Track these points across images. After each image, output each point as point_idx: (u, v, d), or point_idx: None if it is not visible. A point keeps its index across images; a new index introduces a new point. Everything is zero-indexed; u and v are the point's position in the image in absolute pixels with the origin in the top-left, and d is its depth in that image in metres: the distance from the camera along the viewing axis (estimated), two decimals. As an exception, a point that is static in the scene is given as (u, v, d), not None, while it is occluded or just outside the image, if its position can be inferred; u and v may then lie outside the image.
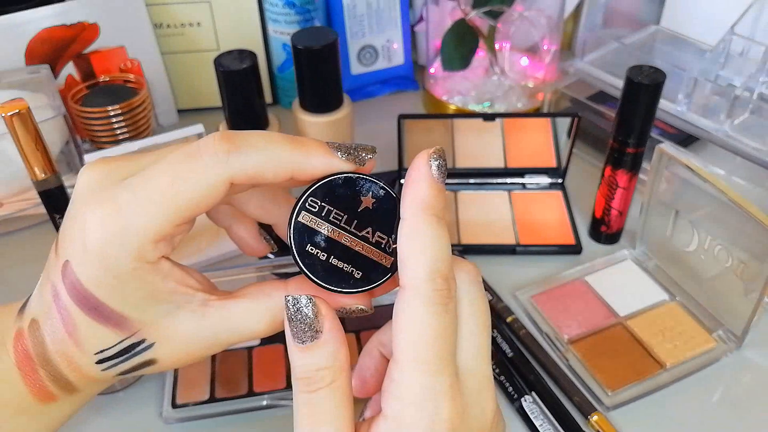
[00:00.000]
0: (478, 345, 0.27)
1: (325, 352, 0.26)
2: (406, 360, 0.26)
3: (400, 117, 0.58)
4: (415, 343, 0.25)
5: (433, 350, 0.25)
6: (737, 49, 0.61)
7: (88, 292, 0.27)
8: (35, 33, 0.62)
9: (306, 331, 0.26)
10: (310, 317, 0.26)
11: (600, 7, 0.68)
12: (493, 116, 0.60)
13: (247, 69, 0.52)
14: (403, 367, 0.26)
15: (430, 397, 0.25)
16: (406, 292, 0.26)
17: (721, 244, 0.47)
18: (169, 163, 0.27)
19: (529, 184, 0.62)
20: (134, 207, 0.26)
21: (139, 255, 0.27)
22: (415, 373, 0.25)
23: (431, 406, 0.25)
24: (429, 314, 0.25)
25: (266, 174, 0.27)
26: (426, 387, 0.25)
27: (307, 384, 0.26)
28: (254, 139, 0.27)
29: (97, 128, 0.63)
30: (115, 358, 0.29)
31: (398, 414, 0.26)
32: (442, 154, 0.27)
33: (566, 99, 0.67)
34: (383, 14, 0.73)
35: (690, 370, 0.46)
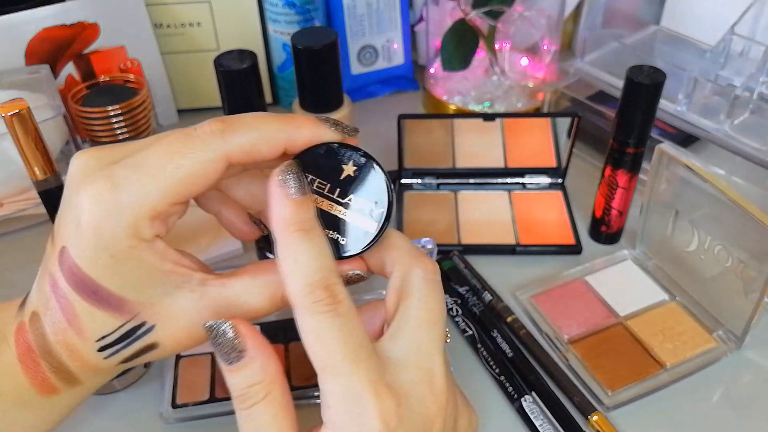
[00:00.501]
0: (421, 339, 0.28)
1: (252, 369, 0.27)
2: (319, 369, 0.27)
3: (400, 117, 0.58)
4: (317, 353, 0.26)
5: (337, 355, 0.26)
6: (737, 49, 0.61)
7: (86, 275, 0.27)
8: (35, 33, 0.62)
9: (230, 353, 0.27)
10: (230, 338, 0.27)
11: (600, 7, 0.68)
12: (493, 116, 0.60)
13: (247, 69, 0.52)
14: (320, 377, 0.27)
15: (351, 397, 0.26)
16: (294, 308, 0.27)
17: (721, 244, 0.47)
18: (166, 143, 0.27)
19: (529, 184, 0.62)
20: (130, 182, 0.27)
21: (135, 231, 0.27)
22: (330, 378, 0.26)
23: (356, 405, 0.26)
24: (318, 324, 0.26)
25: (261, 148, 0.28)
26: (344, 388, 0.26)
27: (243, 401, 0.27)
28: (247, 119, 0.28)
29: (97, 128, 0.63)
30: (117, 344, 0.29)
31: (330, 420, 0.27)
32: (292, 167, 0.28)
33: (566, 99, 0.67)
34: (383, 14, 0.73)
35: (690, 370, 0.46)
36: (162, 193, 0.27)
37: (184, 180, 0.27)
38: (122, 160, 0.27)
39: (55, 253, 0.29)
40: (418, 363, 0.28)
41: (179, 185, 0.27)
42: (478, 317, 0.50)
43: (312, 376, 0.45)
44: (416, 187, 0.62)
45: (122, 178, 0.27)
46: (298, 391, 0.45)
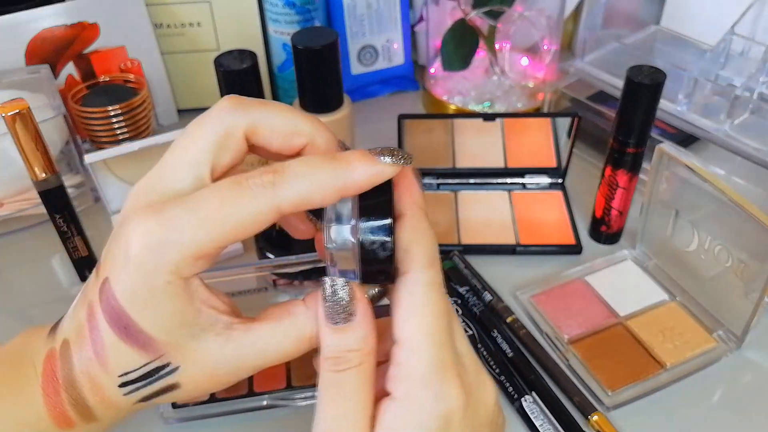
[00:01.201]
0: (462, 333, 0.30)
1: (355, 335, 0.27)
2: (415, 339, 0.27)
3: (400, 117, 0.58)
4: (421, 323, 0.27)
5: (438, 327, 0.27)
6: (737, 49, 0.61)
7: (122, 308, 0.27)
8: (35, 33, 0.62)
9: (340, 313, 0.27)
10: (345, 300, 0.27)
11: (600, 7, 0.68)
12: (493, 116, 0.60)
13: (247, 69, 0.52)
14: (412, 347, 0.27)
15: (436, 373, 0.26)
16: (410, 277, 0.27)
17: (721, 244, 0.47)
18: (217, 189, 0.27)
19: (529, 184, 0.62)
20: (181, 223, 0.27)
21: (177, 268, 0.27)
22: (423, 348, 0.27)
23: (438, 381, 0.26)
24: (435, 294, 0.27)
25: (313, 199, 0.27)
26: (432, 363, 0.27)
27: (336, 363, 0.27)
28: (298, 168, 0.27)
29: (97, 128, 0.63)
30: (139, 381, 0.29)
31: (406, 393, 0.27)
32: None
33: (566, 99, 0.67)
34: (383, 14, 0.73)
35: (690, 370, 0.46)
36: (210, 237, 0.27)
37: (233, 229, 0.27)
38: (175, 198, 0.28)
39: (98, 283, 0.29)
40: (472, 353, 0.29)
41: (228, 233, 0.27)
42: (478, 317, 0.50)
43: (312, 376, 0.45)
44: (416, 187, 0.62)
45: (174, 217, 0.27)
46: (298, 391, 0.45)
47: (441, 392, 0.26)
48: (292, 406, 0.45)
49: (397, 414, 0.27)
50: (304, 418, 0.37)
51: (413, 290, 0.27)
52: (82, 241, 0.53)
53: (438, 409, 0.26)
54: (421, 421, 0.26)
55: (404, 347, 0.27)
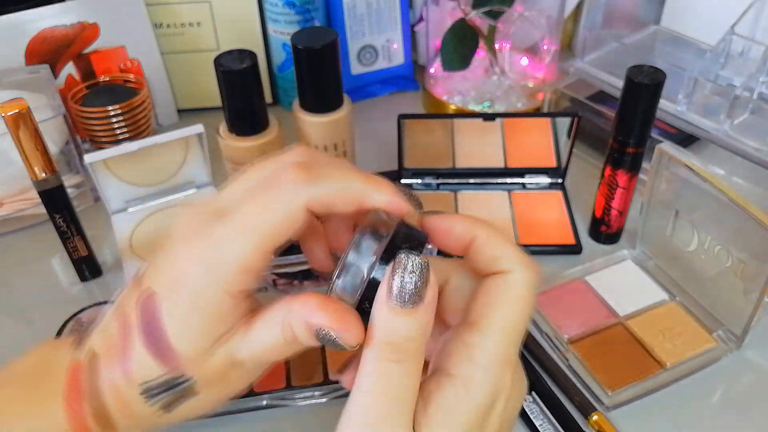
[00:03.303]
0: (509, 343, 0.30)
1: (419, 321, 0.26)
2: (493, 327, 0.27)
3: (400, 117, 0.58)
4: (506, 315, 0.27)
5: (519, 324, 0.28)
6: (737, 49, 0.61)
7: (160, 323, 0.28)
8: (35, 33, 0.62)
9: (411, 294, 0.26)
10: (418, 280, 0.26)
11: (600, 7, 0.68)
12: (493, 116, 0.60)
13: (247, 69, 0.52)
14: (489, 333, 0.27)
15: (500, 363, 0.27)
16: (514, 273, 0.28)
17: (721, 244, 0.47)
18: (252, 195, 0.28)
19: (529, 184, 0.62)
20: (229, 241, 0.27)
21: (227, 287, 0.27)
22: (497, 338, 0.27)
23: (499, 372, 0.27)
24: (530, 296, 0.28)
25: (338, 202, 0.28)
26: (500, 353, 0.27)
27: (393, 351, 0.26)
28: (330, 170, 0.28)
29: (97, 128, 0.63)
30: (159, 389, 0.29)
31: (468, 375, 0.27)
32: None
33: (566, 99, 0.67)
34: (383, 14, 0.73)
35: (690, 370, 0.46)
36: (254, 248, 0.27)
37: (271, 233, 0.27)
38: (221, 216, 0.28)
39: (136, 293, 0.29)
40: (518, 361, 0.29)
41: (268, 239, 0.27)
42: (478, 317, 0.50)
43: (312, 376, 0.45)
44: (416, 187, 0.62)
45: (222, 238, 0.27)
46: (298, 391, 0.45)
47: (499, 381, 0.27)
48: (292, 406, 0.45)
49: (454, 393, 0.26)
50: (304, 418, 0.37)
51: (513, 283, 0.28)
52: (82, 241, 0.53)
53: (491, 396, 0.27)
54: (476, 404, 0.26)
55: (480, 331, 0.27)
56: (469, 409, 0.26)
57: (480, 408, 0.27)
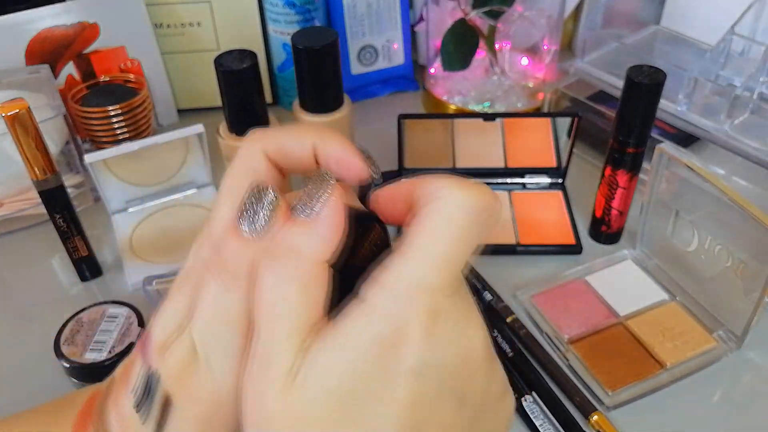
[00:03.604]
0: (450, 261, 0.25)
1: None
2: (412, 251, 0.23)
3: (400, 117, 0.58)
4: (430, 238, 0.24)
5: (451, 251, 0.24)
6: (737, 49, 0.61)
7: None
8: (35, 33, 0.62)
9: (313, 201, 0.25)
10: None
11: (600, 7, 0.68)
12: (493, 116, 0.60)
13: (247, 69, 0.52)
14: (406, 257, 0.23)
15: (415, 287, 0.23)
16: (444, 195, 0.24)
17: (721, 244, 0.47)
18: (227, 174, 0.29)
19: (530, 184, 0.62)
20: (214, 212, 0.28)
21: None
22: (416, 263, 0.23)
23: (410, 296, 0.23)
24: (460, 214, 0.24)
25: (292, 148, 0.28)
26: (419, 280, 0.23)
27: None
28: (279, 128, 0.29)
29: (97, 128, 0.63)
30: (142, 395, 0.28)
31: (373, 300, 0.23)
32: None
33: (566, 99, 0.67)
34: (383, 14, 0.73)
35: (690, 370, 0.46)
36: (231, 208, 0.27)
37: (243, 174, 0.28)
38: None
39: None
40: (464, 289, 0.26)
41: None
42: (478, 317, 0.50)
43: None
44: (416, 187, 0.62)
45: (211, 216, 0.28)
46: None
47: (411, 312, 0.23)
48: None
49: (354, 317, 0.23)
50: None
51: (441, 205, 0.24)
52: (82, 241, 0.53)
53: (397, 327, 0.23)
54: (375, 332, 0.23)
55: (400, 254, 0.23)
56: (367, 337, 0.22)
57: (381, 339, 0.22)
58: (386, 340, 0.22)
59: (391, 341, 0.22)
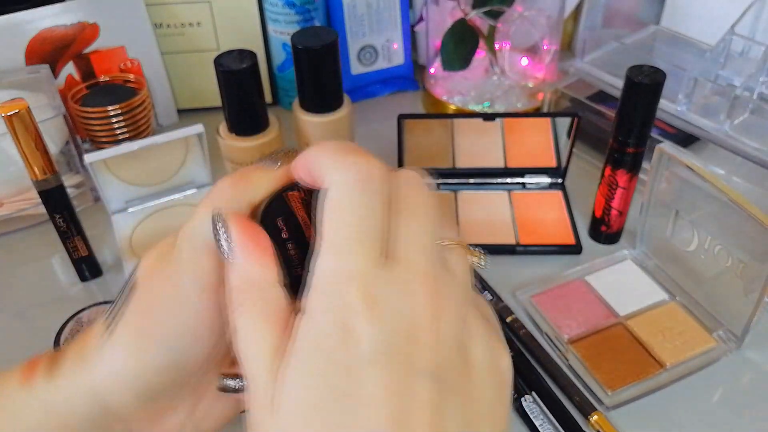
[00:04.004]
0: (410, 234, 0.24)
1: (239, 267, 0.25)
2: (323, 247, 0.23)
3: (400, 117, 0.58)
4: (331, 230, 0.24)
5: (349, 230, 0.23)
6: (737, 49, 0.61)
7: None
8: (35, 33, 0.62)
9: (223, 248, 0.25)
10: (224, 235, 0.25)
11: (600, 7, 0.68)
12: (493, 116, 0.60)
13: (247, 69, 0.52)
14: (319, 254, 0.23)
15: (335, 280, 0.23)
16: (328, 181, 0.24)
17: (721, 244, 0.47)
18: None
19: (529, 184, 0.62)
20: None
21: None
22: (325, 255, 0.23)
23: (335, 289, 0.23)
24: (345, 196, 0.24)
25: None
26: (337, 271, 0.23)
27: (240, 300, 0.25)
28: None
29: (97, 128, 0.63)
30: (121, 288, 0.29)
31: (307, 303, 0.23)
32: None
33: (566, 99, 0.67)
34: (383, 14, 0.73)
35: (690, 370, 0.46)
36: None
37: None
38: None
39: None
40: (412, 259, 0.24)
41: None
42: (478, 317, 0.50)
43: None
44: (416, 187, 0.62)
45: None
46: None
47: (335, 302, 0.22)
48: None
49: (300, 326, 0.23)
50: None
51: (329, 193, 0.24)
52: (82, 241, 0.53)
53: (336, 319, 0.22)
54: (319, 331, 0.22)
55: (316, 253, 0.24)
56: (317, 343, 0.22)
57: (329, 340, 0.22)
58: (335, 340, 0.22)
59: (341, 338, 0.22)
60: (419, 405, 0.22)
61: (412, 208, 0.25)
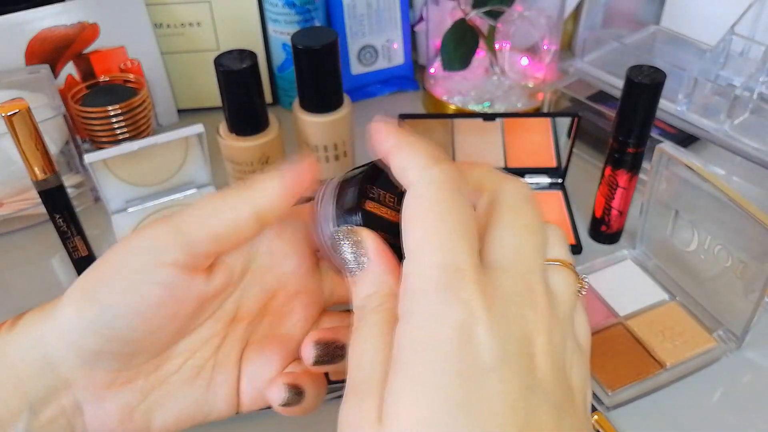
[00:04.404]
0: (520, 245, 0.24)
1: (370, 278, 0.25)
2: (413, 250, 0.23)
3: (400, 117, 0.58)
4: (424, 228, 0.23)
5: (443, 228, 0.22)
6: (737, 49, 0.61)
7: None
8: (35, 33, 0.62)
9: (351, 264, 0.26)
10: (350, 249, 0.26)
11: (600, 7, 0.68)
12: (493, 116, 0.60)
13: (247, 69, 0.52)
14: (410, 258, 0.23)
15: (440, 279, 0.22)
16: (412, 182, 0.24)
17: (721, 244, 0.47)
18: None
19: (530, 184, 0.62)
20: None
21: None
22: (423, 255, 0.22)
23: (443, 288, 0.21)
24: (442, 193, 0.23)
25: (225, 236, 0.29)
26: (435, 269, 0.22)
27: (358, 316, 0.25)
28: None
29: (97, 128, 0.63)
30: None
31: (410, 309, 0.22)
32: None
33: (566, 99, 0.67)
34: (383, 14, 0.73)
35: (690, 370, 0.46)
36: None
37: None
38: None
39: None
40: (518, 270, 0.23)
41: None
42: (478, 317, 0.50)
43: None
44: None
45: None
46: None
47: (447, 300, 0.21)
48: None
49: (404, 332, 0.22)
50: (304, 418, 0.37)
51: (416, 193, 0.23)
52: (82, 241, 0.53)
53: (445, 321, 0.21)
54: (430, 336, 0.21)
55: (408, 258, 0.23)
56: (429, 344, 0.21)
57: (441, 339, 0.21)
58: (450, 344, 0.21)
59: (457, 340, 0.21)
60: (542, 420, 0.21)
61: (520, 218, 0.25)
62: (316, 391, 0.31)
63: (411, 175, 0.24)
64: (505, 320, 0.22)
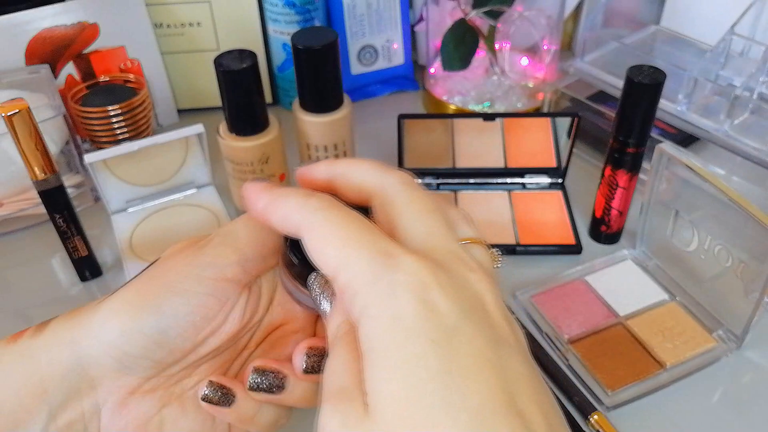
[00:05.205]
0: (429, 225, 0.25)
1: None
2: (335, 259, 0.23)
3: (400, 117, 0.58)
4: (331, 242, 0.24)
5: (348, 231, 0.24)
6: (737, 49, 0.61)
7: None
8: (35, 33, 0.62)
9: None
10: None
11: (600, 7, 0.68)
12: (493, 116, 0.60)
13: (247, 69, 0.52)
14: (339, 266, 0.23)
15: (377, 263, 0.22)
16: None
17: (721, 244, 0.47)
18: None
19: (529, 184, 0.62)
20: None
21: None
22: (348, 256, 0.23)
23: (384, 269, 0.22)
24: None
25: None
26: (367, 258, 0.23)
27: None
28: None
29: (97, 128, 0.63)
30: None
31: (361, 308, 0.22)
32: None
33: (566, 99, 0.67)
34: (383, 14, 0.73)
35: (690, 370, 0.46)
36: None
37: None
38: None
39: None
40: (440, 245, 0.24)
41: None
42: (478, 317, 0.50)
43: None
44: (416, 187, 0.62)
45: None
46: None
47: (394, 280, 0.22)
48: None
49: (366, 328, 0.22)
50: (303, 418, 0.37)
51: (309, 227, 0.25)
52: (82, 241, 0.53)
53: (400, 296, 0.22)
54: (391, 317, 0.21)
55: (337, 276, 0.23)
56: (391, 320, 0.22)
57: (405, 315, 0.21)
58: (414, 317, 0.21)
59: (421, 313, 0.21)
60: (516, 370, 0.22)
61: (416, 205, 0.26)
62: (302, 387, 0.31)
63: (296, 218, 0.25)
64: (454, 282, 0.22)
